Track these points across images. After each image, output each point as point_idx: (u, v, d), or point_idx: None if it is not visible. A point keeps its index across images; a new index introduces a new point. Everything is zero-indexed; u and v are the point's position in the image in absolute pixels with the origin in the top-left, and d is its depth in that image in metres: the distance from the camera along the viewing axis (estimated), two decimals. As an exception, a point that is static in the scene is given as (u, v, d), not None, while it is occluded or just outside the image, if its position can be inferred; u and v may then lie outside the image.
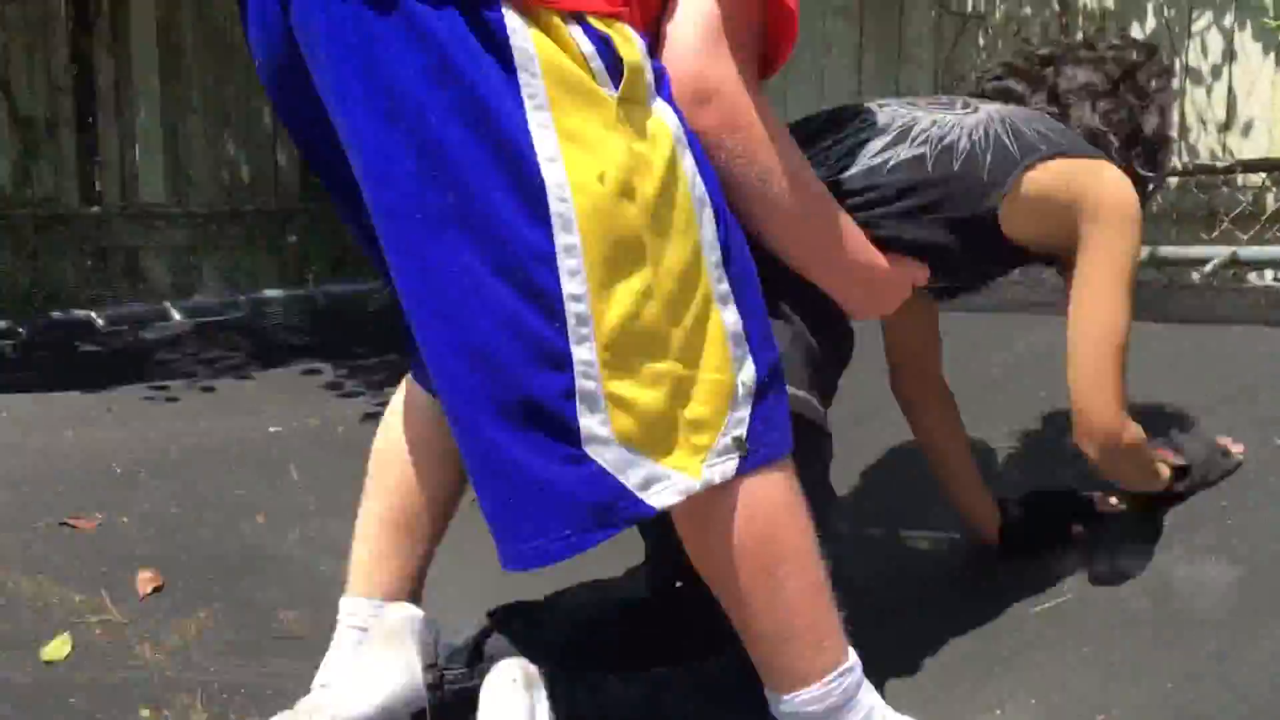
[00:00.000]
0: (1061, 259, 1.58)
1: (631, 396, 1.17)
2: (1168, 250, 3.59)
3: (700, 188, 1.22)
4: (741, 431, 1.22)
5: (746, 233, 1.32)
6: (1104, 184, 1.52)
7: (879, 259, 1.47)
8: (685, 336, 1.20)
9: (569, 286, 1.13)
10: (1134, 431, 1.56)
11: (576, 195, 1.13)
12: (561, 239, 1.13)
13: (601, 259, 1.14)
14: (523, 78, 1.11)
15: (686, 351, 1.20)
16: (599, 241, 1.14)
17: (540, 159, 1.12)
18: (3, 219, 4.61)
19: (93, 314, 4.35)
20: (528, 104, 1.11)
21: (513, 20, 1.11)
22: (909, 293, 1.54)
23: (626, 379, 1.17)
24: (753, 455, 1.24)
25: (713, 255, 1.23)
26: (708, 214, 1.23)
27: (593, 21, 1.15)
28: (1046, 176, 1.51)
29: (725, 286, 1.24)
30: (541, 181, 1.12)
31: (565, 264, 1.13)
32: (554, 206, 1.12)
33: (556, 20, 1.13)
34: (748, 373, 1.24)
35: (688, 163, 1.21)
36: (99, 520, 2.23)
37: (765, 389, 1.26)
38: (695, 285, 1.22)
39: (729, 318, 1.24)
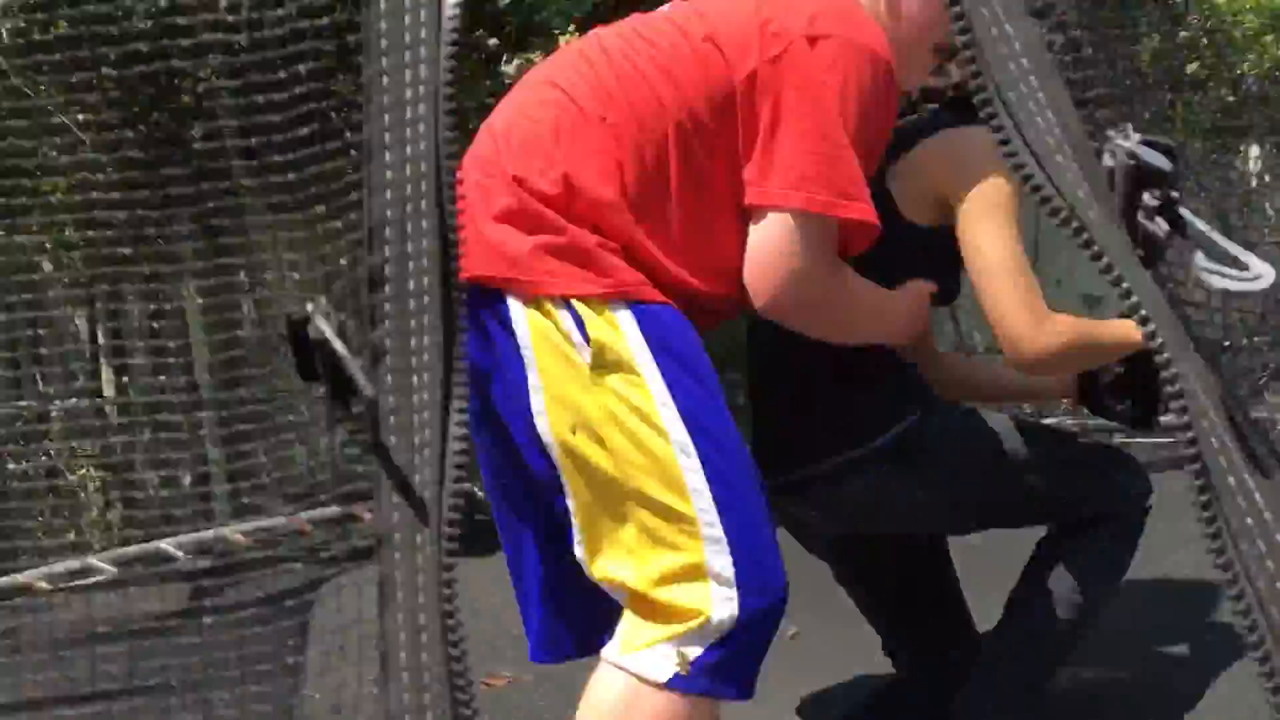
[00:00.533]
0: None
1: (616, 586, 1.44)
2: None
3: (682, 435, 1.39)
4: (691, 655, 1.38)
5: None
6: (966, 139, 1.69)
7: (900, 302, 1.67)
8: (663, 566, 1.39)
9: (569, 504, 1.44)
10: (1059, 333, 1.61)
11: (556, 442, 1.41)
12: (560, 472, 1.43)
13: (582, 490, 1.42)
14: (523, 350, 1.41)
15: (663, 580, 1.39)
16: (578, 478, 1.42)
17: (534, 412, 1.42)
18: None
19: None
20: (527, 368, 1.42)
21: (515, 307, 1.42)
22: (928, 307, 1.72)
23: (603, 577, 1.44)
24: (688, 680, 1.38)
25: (700, 500, 1.39)
26: (691, 462, 1.39)
27: (575, 304, 1.40)
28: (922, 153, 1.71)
29: (717, 531, 1.39)
30: (535, 429, 1.43)
31: (565, 489, 1.43)
32: (548, 449, 1.43)
33: (548, 304, 1.41)
34: (724, 612, 1.38)
35: (665, 414, 1.39)
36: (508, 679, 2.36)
37: (741, 635, 1.38)
38: (677, 522, 1.40)
39: (716, 561, 1.39)
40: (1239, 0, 3.86)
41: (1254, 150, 4.59)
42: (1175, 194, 0.74)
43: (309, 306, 0.83)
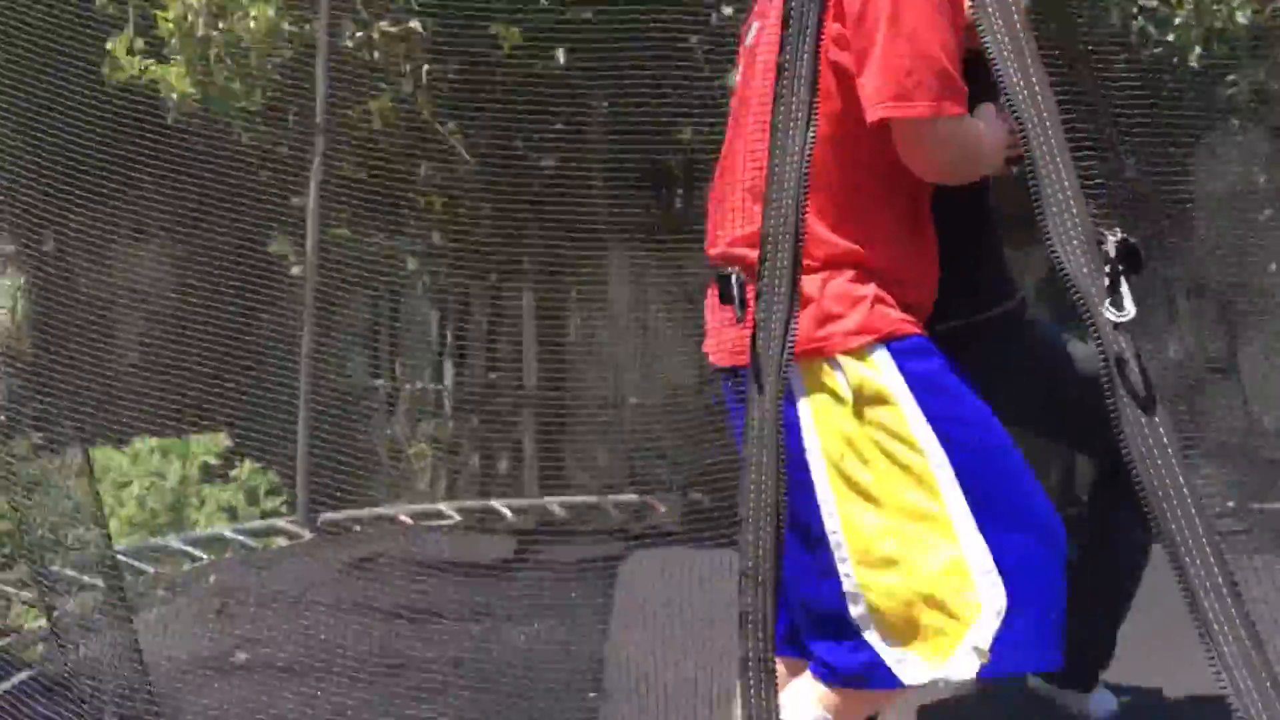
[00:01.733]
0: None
1: (881, 605, 1.62)
2: None
3: (937, 453, 1.62)
4: (984, 644, 1.58)
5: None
6: None
7: (996, 127, 1.80)
8: (925, 565, 1.60)
9: (829, 524, 1.65)
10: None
11: (823, 466, 1.65)
12: (820, 493, 1.65)
13: (843, 504, 1.65)
14: (797, 399, 1.66)
15: (926, 577, 1.60)
16: (839, 492, 1.64)
17: (807, 447, 1.66)
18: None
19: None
20: (800, 413, 1.67)
21: (794, 373, 1.63)
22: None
23: (875, 591, 1.62)
24: (996, 664, 1.58)
25: (954, 503, 1.61)
26: (945, 474, 1.61)
27: (839, 357, 1.66)
28: None
29: (969, 525, 1.60)
30: (807, 461, 1.67)
31: (825, 510, 1.65)
32: (814, 475, 1.66)
33: (822, 363, 1.66)
34: (995, 599, 1.58)
35: (921, 433, 1.63)
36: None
37: (1017, 612, 1.57)
38: (933, 525, 1.61)
39: (973, 553, 1.60)
40: None
41: None
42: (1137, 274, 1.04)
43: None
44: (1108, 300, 1.07)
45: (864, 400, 1.63)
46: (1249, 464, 3.70)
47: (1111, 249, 1.09)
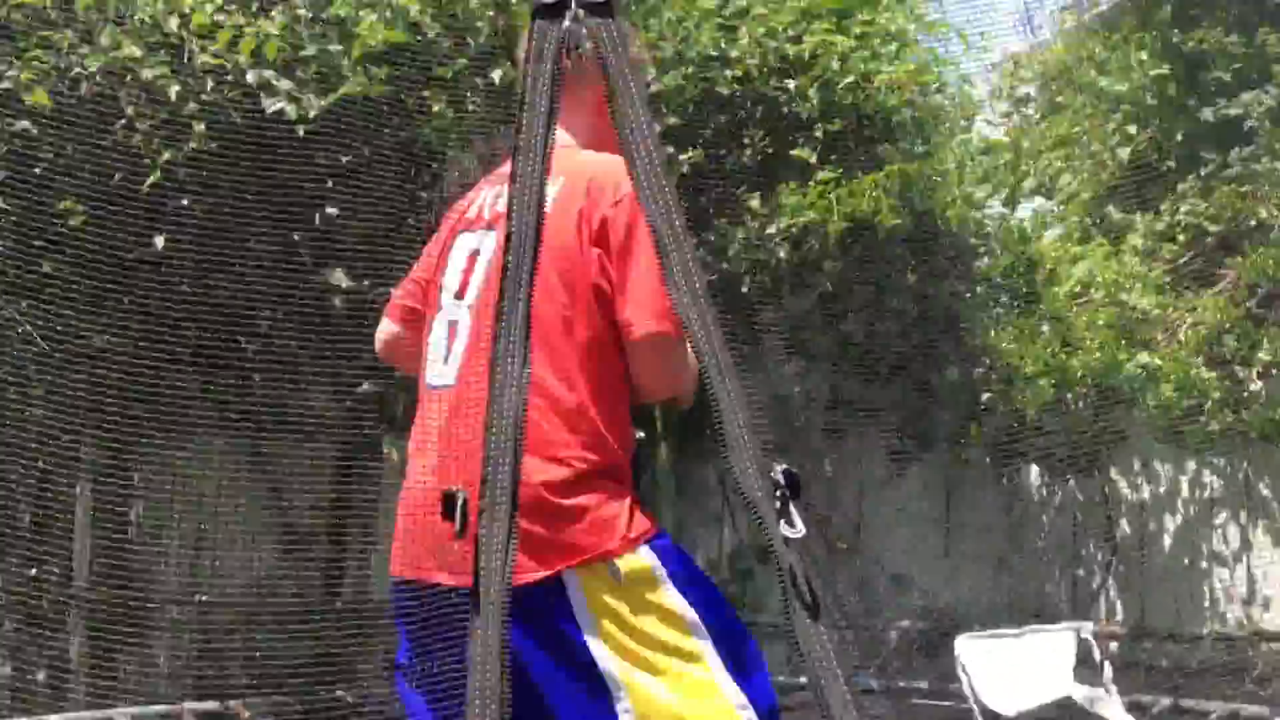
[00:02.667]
0: None
1: None
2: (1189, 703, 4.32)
3: (699, 624, 1.83)
4: None
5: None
6: None
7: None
8: (700, 710, 1.79)
9: (619, 706, 1.79)
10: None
11: (606, 651, 1.81)
12: (608, 679, 1.80)
13: (628, 677, 1.80)
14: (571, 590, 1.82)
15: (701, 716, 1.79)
16: (624, 670, 1.80)
17: (590, 643, 1.81)
18: None
19: None
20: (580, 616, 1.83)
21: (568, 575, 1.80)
22: None
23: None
24: None
25: (713, 658, 1.82)
26: (705, 640, 1.82)
27: (616, 560, 1.83)
28: None
29: (725, 673, 1.82)
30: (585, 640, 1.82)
31: (615, 693, 1.79)
32: (601, 663, 1.81)
33: (602, 565, 1.81)
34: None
35: (684, 609, 1.83)
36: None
37: None
38: (703, 678, 1.82)
39: (732, 693, 1.80)
40: (1021, 349, 4.81)
41: (1033, 469, 5.49)
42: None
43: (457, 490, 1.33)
44: (781, 520, 1.26)
45: (638, 587, 1.82)
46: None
47: (779, 476, 1.29)
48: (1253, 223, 4.80)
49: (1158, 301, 4.81)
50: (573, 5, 1.32)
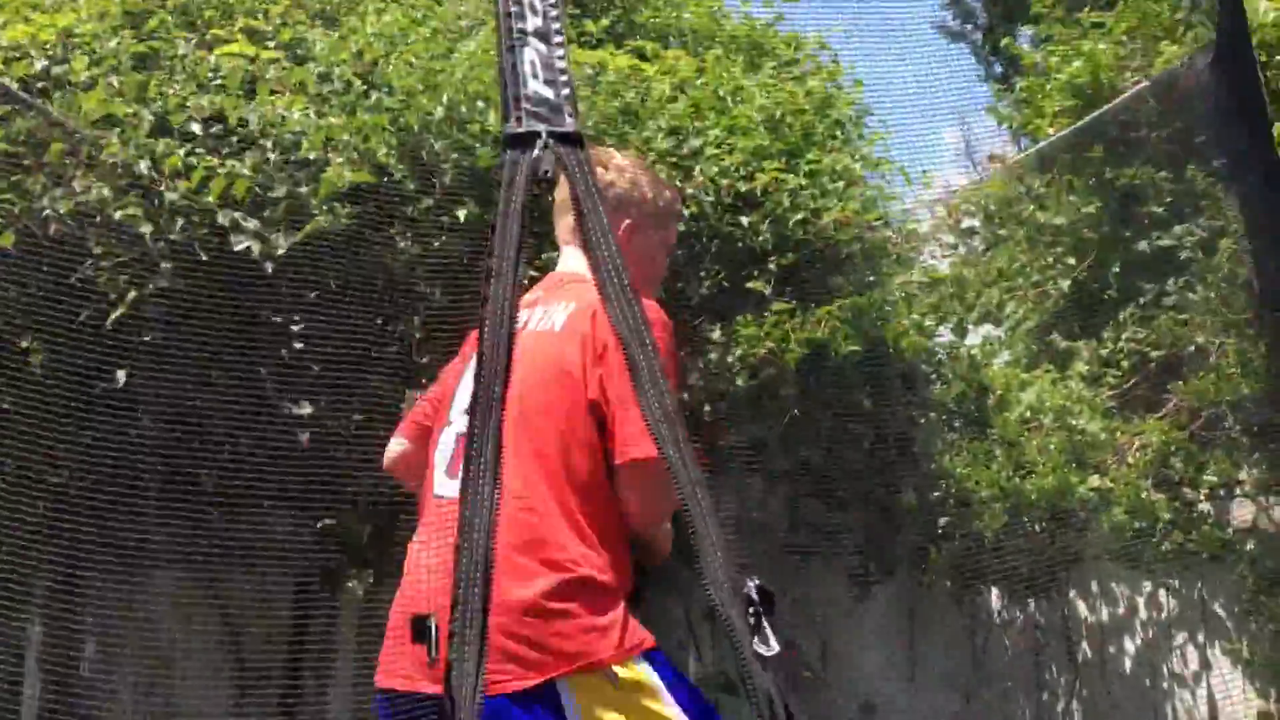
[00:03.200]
0: None
1: None
2: None
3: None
4: None
5: None
6: None
7: None
8: None
9: None
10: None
11: None
12: None
13: None
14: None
15: None
16: None
17: None
18: None
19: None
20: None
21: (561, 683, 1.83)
22: None
23: None
24: None
25: None
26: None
27: (613, 666, 1.86)
28: None
29: None
30: None
31: None
32: None
33: (599, 671, 1.85)
34: None
35: (669, 710, 1.87)
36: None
37: None
38: None
39: None
40: (975, 474, 4.91)
41: (993, 592, 5.53)
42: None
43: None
44: (754, 637, 1.30)
45: (634, 695, 1.85)
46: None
47: (752, 592, 1.33)
48: (1191, 349, 4.99)
49: (1105, 425, 4.95)
50: (543, 134, 1.41)
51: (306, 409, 3.93)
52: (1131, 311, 5.26)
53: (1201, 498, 4.82)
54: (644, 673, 1.89)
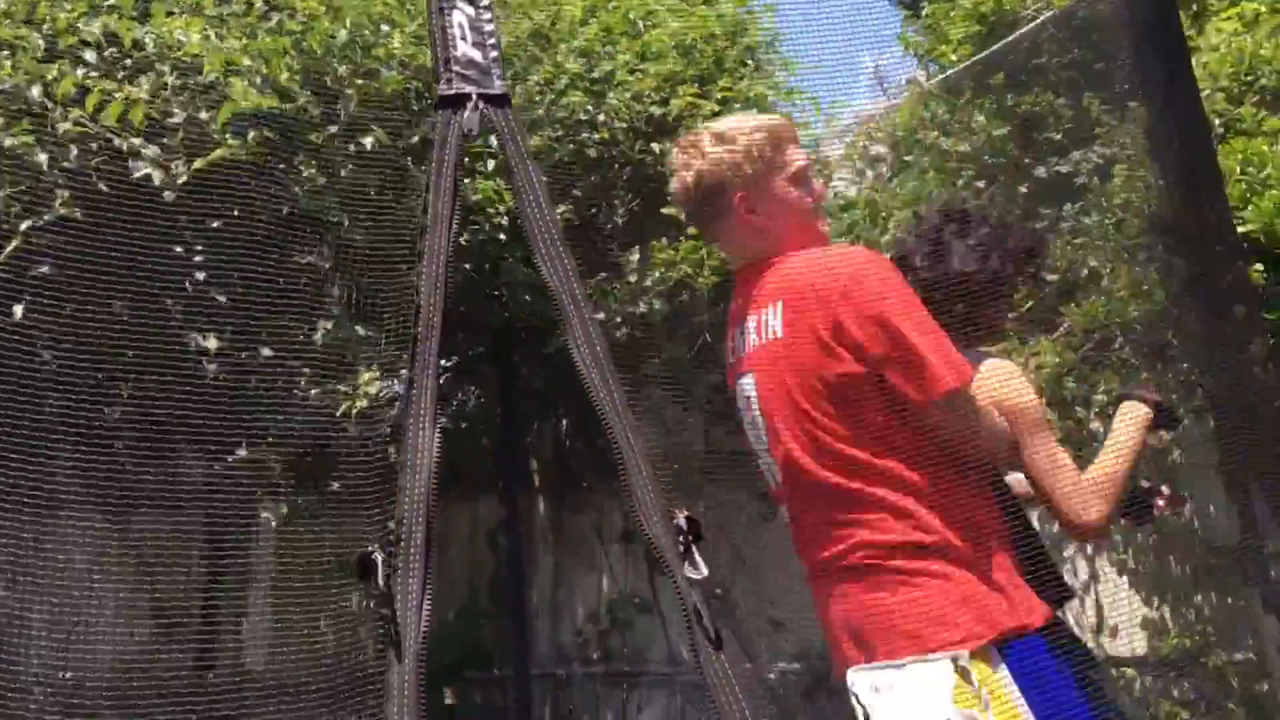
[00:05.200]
0: None
1: None
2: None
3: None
4: None
5: None
6: None
7: None
8: None
9: None
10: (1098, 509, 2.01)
11: None
12: None
13: None
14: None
15: None
16: None
17: None
18: None
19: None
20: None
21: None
22: None
23: None
24: None
25: None
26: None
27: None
28: None
29: None
30: None
31: None
32: None
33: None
34: None
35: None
36: None
37: None
38: None
39: None
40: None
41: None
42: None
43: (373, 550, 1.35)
44: (685, 563, 1.35)
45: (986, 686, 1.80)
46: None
47: (682, 522, 1.38)
48: (1084, 272, 5.15)
49: (1003, 348, 5.10)
50: (473, 97, 1.41)
51: (213, 342, 3.86)
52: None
53: (1092, 417, 5.01)
54: (994, 665, 1.86)
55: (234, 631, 4.63)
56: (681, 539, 1.37)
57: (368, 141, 4.05)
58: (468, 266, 4.81)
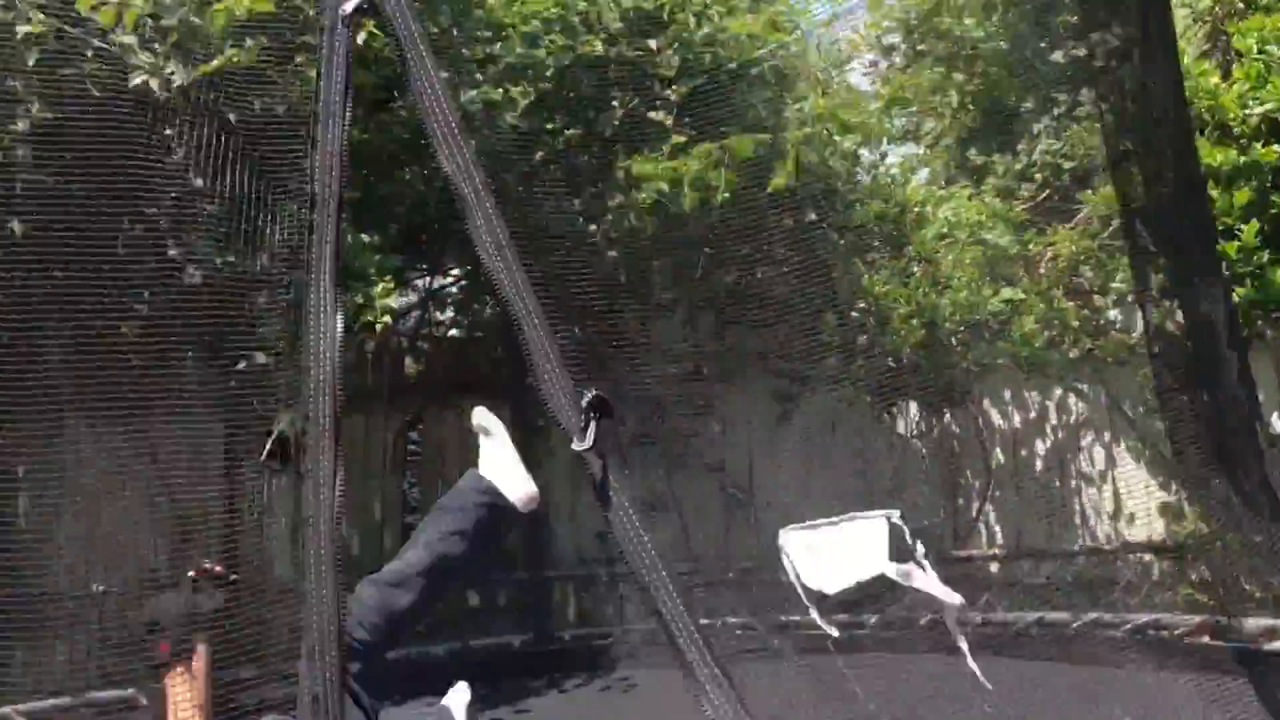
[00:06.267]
0: None
1: None
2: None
3: None
4: None
5: None
6: None
7: None
8: None
9: None
10: None
11: None
12: None
13: None
14: None
15: None
16: None
17: None
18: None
19: None
20: None
21: None
22: None
23: None
24: None
25: None
26: None
27: None
28: None
29: None
30: None
31: None
32: None
33: None
34: None
35: None
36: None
37: None
38: None
39: None
40: (894, 292, 5.00)
41: (912, 406, 5.70)
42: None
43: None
44: (584, 432, 1.37)
45: None
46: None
47: (588, 400, 1.40)
48: (1100, 159, 5.03)
49: (1018, 238, 5.02)
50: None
51: (210, 251, 3.90)
52: (1046, 124, 5.28)
53: (1110, 304, 4.95)
54: None
55: (256, 527, 4.76)
56: (585, 416, 1.38)
57: (360, 38, 4.02)
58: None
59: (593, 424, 1.38)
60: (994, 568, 5.28)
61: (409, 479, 6.25)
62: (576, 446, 1.37)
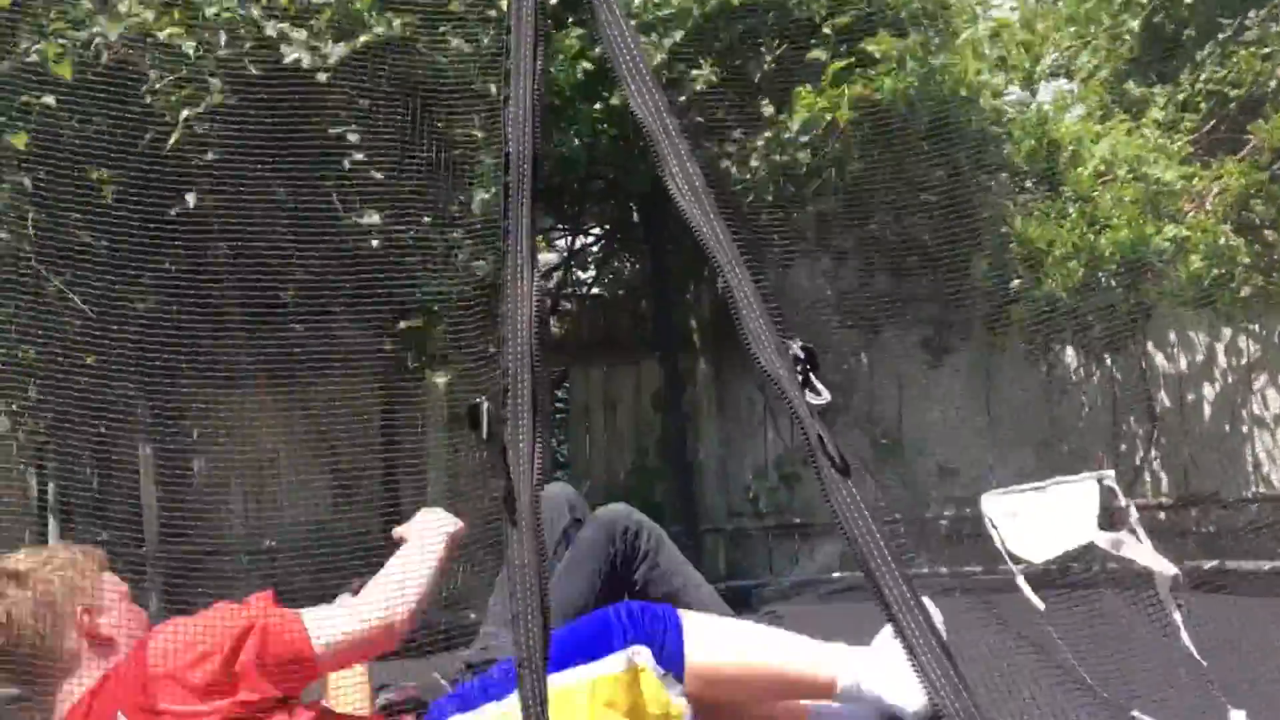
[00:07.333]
0: None
1: None
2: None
3: None
4: None
5: None
6: None
7: None
8: None
9: None
10: None
11: None
12: None
13: None
14: None
15: None
16: None
17: None
18: None
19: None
20: None
21: None
22: None
23: None
24: None
25: None
26: None
27: None
28: None
29: None
30: None
31: None
32: None
33: None
34: None
35: None
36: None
37: None
38: None
39: None
40: (1049, 233, 4.83)
41: (1069, 350, 5.53)
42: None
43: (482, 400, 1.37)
44: (806, 391, 1.34)
45: None
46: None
47: (798, 351, 1.37)
48: (1272, 84, 4.76)
49: (1182, 173, 4.79)
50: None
51: (374, 218, 3.98)
52: (1210, 50, 5.00)
53: (1282, 239, 4.70)
54: None
55: (417, 483, 4.89)
56: (799, 368, 1.35)
57: (503, 2, 4.04)
58: (615, 133, 4.78)
59: (811, 375, 1.34)
60: (1160, 515, 5.10)
61: (557, 436, 6.34)
62: (814, 401, 1.34)
